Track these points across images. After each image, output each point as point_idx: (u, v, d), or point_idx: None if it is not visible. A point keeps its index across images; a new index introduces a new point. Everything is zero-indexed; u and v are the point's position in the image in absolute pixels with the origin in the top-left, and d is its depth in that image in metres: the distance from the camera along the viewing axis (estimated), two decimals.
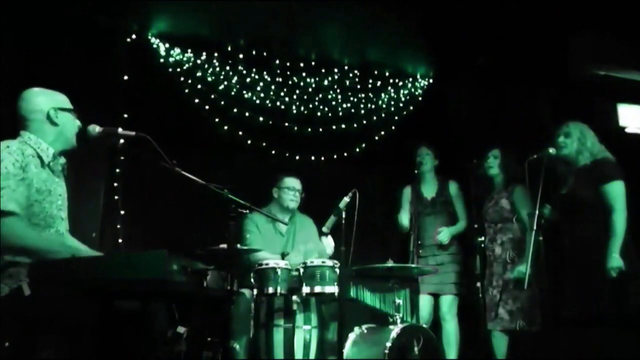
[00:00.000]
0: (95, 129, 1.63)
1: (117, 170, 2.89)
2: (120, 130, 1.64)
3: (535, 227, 2.07)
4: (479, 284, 2.24)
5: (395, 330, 2.08)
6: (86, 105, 1.72)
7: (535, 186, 2.12)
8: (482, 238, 2.40)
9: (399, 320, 2.19)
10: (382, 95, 3.33)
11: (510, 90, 3.11)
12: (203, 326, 2.00)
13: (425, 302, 2.60)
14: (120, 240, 2.82)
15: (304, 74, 3.19)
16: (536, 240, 2.07)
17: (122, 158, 2.88)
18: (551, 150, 2.21)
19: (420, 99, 3.40)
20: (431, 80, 3.43)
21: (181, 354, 1.76)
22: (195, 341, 1.91)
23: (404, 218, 2.77)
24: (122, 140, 2.73)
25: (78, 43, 2.75)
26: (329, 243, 2.40)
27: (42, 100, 1.62)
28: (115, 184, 2.88)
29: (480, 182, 2.54)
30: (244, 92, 3.08)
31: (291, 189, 2.57)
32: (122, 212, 2.85)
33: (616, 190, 2.08)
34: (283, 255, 2.26)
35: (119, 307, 1.48)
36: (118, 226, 2.83)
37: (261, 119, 3.11)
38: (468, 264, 2.66)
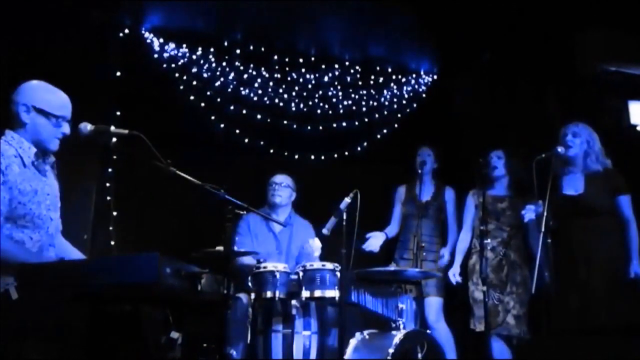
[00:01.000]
0: (86, 127, 1.55)
1: (110, 169, 2.82)
2: (112, 128, 1.56)
3: (543, 230, 2.00)
4: (485, 288, 2.16)
5: (398, 336, 2.03)
6: (77, 103, 1.63)
7: (542, 186, 2.06)
8: (488, 240, 2.31)
9: (402, 326, 2.13)
10: (385, 92, 3.27)
11: (517, 88, 3.03)
12: (198, 332, 1.93)
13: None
14: (112, 243, 2.77)
15: (303, 70, 3.12)
16: (545, 243, 2.00)
17: (114, 157, 2.81)
18: (560, 150, 2.17)
19: (424, 96, 3.33)
20: (435, 77, 3.37)
21: None
22: (190, 347, 1.84)
23: (394, 220, 2.74)
24: (114, 139, 2.66)
25: (69, 38, 2.67)
26: (315, 245, 2.34)
27: (23, 94, 1.53)
28: (108, 184, 2.81)
29: (486, 181, 2.48)
30: (241, 88, 3.01)
31: (271, 183, 2.53)
32: (115, 213, 2.79)
33: (630, 202, 2.15)
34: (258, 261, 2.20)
35: (109, 311, 1.42)
36: (110, 228, 2.77)
37: (259, 116, 3.04)
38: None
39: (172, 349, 1.63)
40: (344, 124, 3.17)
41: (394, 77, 3.29)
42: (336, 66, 3.19)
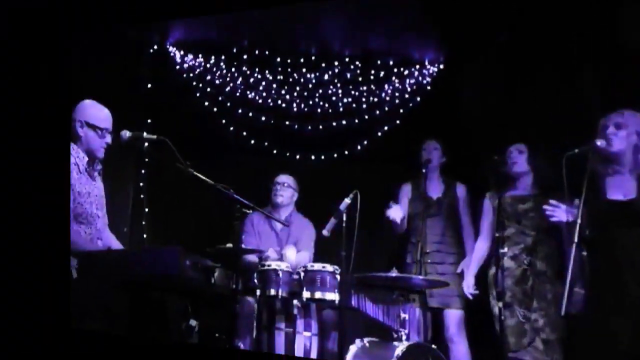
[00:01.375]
0: (126, 134, 1.86)
1: (143, 171, 3.12)
2: (145, 134, 1.85)
3: (577, 240, 1.65)
4: (501, 304, 1.85)
5: (400, 348, 1.90)
6: (117, 113, 1.93)
7: (575, 188, 1.72)
8: (505, 249, 1.99)
9: (404, 337, 2.00)
10: (386, 86, 3.01)
11: (542, 70, 2.49)
12: (212, 323, 2.07)
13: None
14: (145, 236, 3.07)
15: (304, 70, 3.04)
16: (578, 256, 1.68)
17: (146, 160, 3.10)
18: (599, 143, 1.76)
19: (428, 88, 3.00)
20: (441, 66, 2.99)
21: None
22: (204, 336, 1.99)
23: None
24: (146, 144, 2.96)
25: (112, 59, 2.87)
26: (288, 257, 2.33)
27: (78, 112, 1.87)
28: (141, 184, 3.12)
29: (502, 181, 2.14)
30: (248, 92, 3.08)
31: (275, 183, 2.63)
32: (147, 210, 3.10)
33: None
34: (261, 259, 2.30)
35: (144, 297, 1.71)
36: (143, 222, 3.07)
37: (263, 118, 3.08)
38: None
39: (191, 336, 1.86)
40: (344, 122, 3.02)
41: (395, 70, 3.00)
42: (336, 63, 3.02)
